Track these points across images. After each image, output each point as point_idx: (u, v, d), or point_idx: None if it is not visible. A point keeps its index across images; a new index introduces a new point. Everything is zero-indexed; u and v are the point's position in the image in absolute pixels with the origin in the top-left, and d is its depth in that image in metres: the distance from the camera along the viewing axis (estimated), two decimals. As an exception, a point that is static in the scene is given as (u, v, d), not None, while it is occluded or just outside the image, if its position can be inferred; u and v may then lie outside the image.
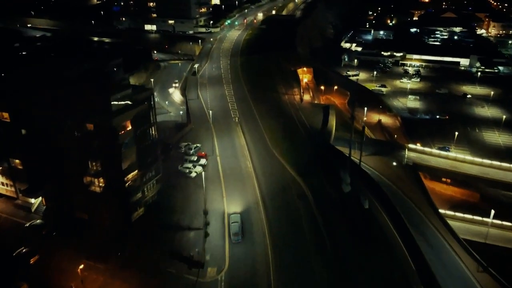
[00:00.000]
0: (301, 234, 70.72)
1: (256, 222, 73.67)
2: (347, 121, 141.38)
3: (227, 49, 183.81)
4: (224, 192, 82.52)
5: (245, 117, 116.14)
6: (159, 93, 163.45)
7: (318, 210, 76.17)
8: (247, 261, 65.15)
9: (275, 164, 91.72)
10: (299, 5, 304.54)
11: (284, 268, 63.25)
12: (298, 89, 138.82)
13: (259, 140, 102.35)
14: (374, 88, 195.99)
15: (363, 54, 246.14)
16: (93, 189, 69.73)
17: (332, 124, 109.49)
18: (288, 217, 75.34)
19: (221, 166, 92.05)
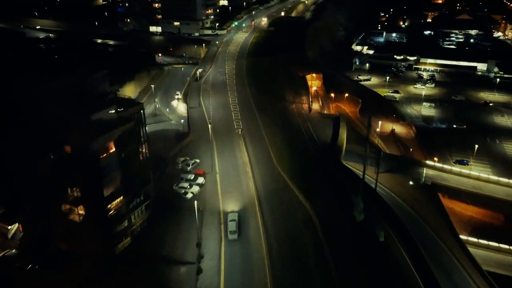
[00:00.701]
0: (307, 270, 61.77)
1: (256, 256, 64.85)
2: (359, 132, 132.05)
3: (233, 53, 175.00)
4: (222, 217, 73.81)
5: (249, 129, 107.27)
6: (161, 99, 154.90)
7: (326, 241, 67.07)
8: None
9: (280, 184, 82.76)
10: (309, 6, 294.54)
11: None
12: (307, 97, 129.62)
13: (263, 156, 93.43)
14: (387, 94, 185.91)
15: (375, 57, 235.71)
16: (72, 218, 61.34)
17: (343, 138, 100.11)
18: (292, 248, 66.44)
19: (221, 185, 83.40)
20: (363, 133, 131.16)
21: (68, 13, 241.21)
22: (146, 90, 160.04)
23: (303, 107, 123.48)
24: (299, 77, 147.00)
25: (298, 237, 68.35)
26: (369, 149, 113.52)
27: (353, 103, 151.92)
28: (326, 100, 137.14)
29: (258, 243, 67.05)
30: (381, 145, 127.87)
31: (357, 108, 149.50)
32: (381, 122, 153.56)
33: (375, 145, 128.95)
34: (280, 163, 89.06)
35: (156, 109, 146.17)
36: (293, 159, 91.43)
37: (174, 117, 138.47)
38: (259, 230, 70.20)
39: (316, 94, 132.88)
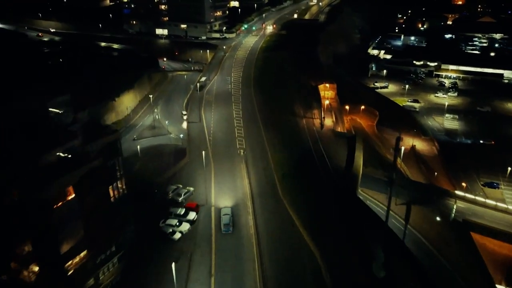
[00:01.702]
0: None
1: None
2: (377, 150, 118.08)
3: (240, 59, 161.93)
4: (214, 266, 61.06)
5: (253, 149, 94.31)
6: (162, 109, 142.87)
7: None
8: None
9: (285, 223, 69.59)
10: (324, 8, 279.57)
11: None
12: (319, 111, 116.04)
13: (267, 185, 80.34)
14: (406, 104, 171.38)
15: (392, 62, 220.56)
16: (25, 277, 49.18)
17: (359, 164, 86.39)
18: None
19: (215, 223, 70.44)
20: (381, 151, 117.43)
21: (73, 14, 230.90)
22: (148, 98, 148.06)
23: (314, 122, 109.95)
24: (311, 87, 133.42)
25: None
26: (383, 171, 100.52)
27: (369, 115, 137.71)
28: (340, 113, 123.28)
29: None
30: (401, 166, 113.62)
31: (374, 121, 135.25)
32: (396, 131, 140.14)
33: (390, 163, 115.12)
34: (286, 195, 75.85)
35: (156, 120, 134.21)
36: (302, 190, 78.08)
37: (174, 129, 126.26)
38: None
39: (329, 107, 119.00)
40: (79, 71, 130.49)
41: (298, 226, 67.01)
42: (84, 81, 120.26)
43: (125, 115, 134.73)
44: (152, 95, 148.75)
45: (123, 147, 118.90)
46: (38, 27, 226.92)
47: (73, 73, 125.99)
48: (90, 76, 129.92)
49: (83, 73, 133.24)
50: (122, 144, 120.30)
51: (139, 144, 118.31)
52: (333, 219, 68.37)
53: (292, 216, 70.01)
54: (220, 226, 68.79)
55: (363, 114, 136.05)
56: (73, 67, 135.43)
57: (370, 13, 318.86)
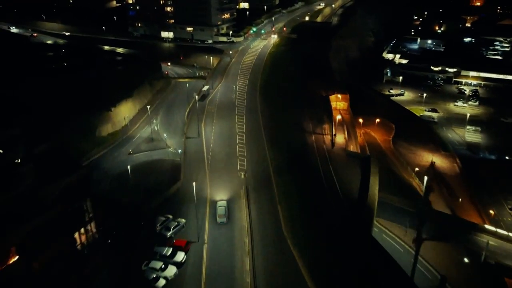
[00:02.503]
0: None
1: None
2: (393, 170, 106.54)
3: (247, 65, 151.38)
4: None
5: (256, 172, 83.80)
6: (163, 119, 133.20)
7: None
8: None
9: (288, 268, 58.87)
10: (336, 10, 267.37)
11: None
12: (329, 126, 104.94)
13: (270, 218, 69.75)
14: (423, 114, 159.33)
15: (408, 68, 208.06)
16: None
17: (374, 193, 75.25)
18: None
19: (207, 267, 60.09)
20: (399, 172, 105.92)
21: (78, 15, 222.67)
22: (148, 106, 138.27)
23: (324, 139, 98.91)
24: (321, 97, 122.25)
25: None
26: (401, 198, 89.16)
27: (385, 129, 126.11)
28: (352, 127, 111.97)
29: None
30: (419, 188, 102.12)
31: (390, 135, 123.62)
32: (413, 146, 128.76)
33: (408, 185, 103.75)
34: (290, 232, 65.17)
35: (155, 131, 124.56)
36: (309, 224, 67.28)
37: (173, 143, 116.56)
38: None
39: (341, 121, 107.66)
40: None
41: (304, 274, 56.34)
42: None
43: (122, 126, 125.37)
44: (151, 105, 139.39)
45: (118, 161, 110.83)
46: (42, 29, 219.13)
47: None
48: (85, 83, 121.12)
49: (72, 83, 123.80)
50: (117, 158, 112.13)
51: (134, 159, 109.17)
52: (345, 261, 57.46)
53: (297, 259, 59.33)
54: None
55: (378, 127, 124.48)
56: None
57: (385, 14, 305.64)
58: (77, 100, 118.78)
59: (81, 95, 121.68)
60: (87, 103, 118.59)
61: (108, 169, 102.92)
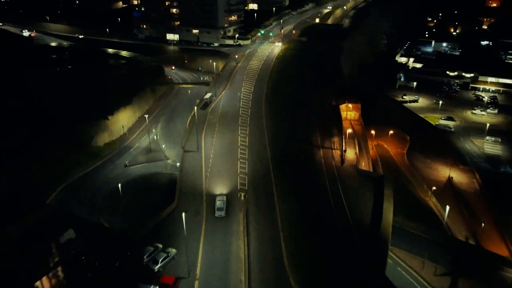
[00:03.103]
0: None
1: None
2: (409, 189, 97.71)
3: (254, 70, 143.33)
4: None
5: (257, 193, 75.83)
6: (163, 127, 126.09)
7: None
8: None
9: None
10: (348, 11, 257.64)
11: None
12: (339, 139, 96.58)
13: (271, 249, 61.83)
14: (439, 123, 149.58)
15: (423, 72, 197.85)
16: None
17: (389, 220, 66.81)
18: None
19: None
20: (414, 190, 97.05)
21: (83, 17, 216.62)
22: (149, 113, 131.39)
23: (333, 155, 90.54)
24: (331, 107, 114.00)
25: None
26: (422, 224, 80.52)
27: (399, 141, 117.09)
28: (364, 140, 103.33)
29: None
30: (436, 208, 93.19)
31: (404, 148, 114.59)
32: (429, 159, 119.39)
33: (425, 206, 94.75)
34: (294, 265, 57.16)
35: (155, 141, 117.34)
36: (314, 257, 59.22)
37: (173, 154, 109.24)
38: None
39: (351, 135, 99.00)
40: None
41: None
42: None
43: (120, 135, 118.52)
44: (152, 112, 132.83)
45: (112, 175, 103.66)
46: (47, 30, 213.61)
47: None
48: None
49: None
50: (112, 172, 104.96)
51: (130, 172, 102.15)
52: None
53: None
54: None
55: (392, 139, 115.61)
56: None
57: (398, 16, 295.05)
58: (71, 107, 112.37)
59: (77, 102, 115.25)
60: (82, 110, 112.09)
61: (102, 185, 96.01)
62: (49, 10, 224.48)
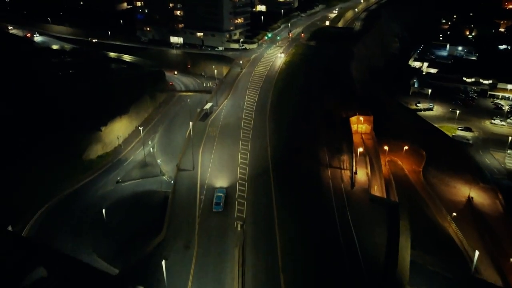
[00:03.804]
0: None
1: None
2: (426, 213, 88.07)
3: (259, 77, 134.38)
4: None
5: (256, 222, 66.99)
6: (161, 137, 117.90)
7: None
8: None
9: None
10: (359, 13, 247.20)
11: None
12: (349, 157, 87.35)
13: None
14: (456, 134, 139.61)
15: (438, 78, 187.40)
16: None
17: (405, 257, 57.58)
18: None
19: None
20: (432, 215, 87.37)
21: (86, 18, 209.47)
22: (147, 122, 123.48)
23: (343, 176, 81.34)
24: (340, 119, 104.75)
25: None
26: (443, 262, 71.00)
27: (414, 157, 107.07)
28: (376, 157, 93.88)
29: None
30: (457, 236, 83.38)
31: (420, 165, 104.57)
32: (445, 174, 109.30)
33: (444, 234, 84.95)
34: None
35: (151, 153, 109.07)
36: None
37: (170, 169, 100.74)
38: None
39: (363, 153, 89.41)
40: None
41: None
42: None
43: (115, 146, 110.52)
44: (151, 121, 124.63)
45: (103, 193, 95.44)
46: (49, 32, 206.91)
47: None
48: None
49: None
50: (102, 189, 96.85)
51: (121, 190, 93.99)
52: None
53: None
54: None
55: (406, 154, 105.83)
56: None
57: (411, 18, 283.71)
58: (63, 116, 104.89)
59: (70, 111, 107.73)
60: (75, 120, 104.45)
61: (90, 204, 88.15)
62: (51, 11, 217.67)
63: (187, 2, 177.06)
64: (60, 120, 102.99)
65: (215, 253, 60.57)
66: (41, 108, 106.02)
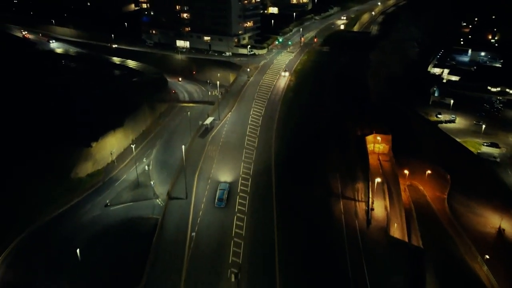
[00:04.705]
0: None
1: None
2: (454, 253, 76.06)
3: (267, 86, 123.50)
4: None
5: (255, 268, 56.22)
6: (159, 153, 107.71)
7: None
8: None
9: None
10: (376, 16, 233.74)
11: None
12: (364, 186, 75.89)
13: None
14: (481, 151, 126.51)
15: (459, 87, 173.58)
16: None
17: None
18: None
19: None
20: (462, 255, 75.27)
21: (91, 20, 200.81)
22: (145, 135, 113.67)
23: (357, 209, 69.95)
24: (355, 137, 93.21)
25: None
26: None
27: (437, 182, 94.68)
28: (395, 183, 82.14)
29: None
30: (489, 281, 71.06)
31: (444, 191, 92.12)
32: (470, 199, 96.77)
33: (474, 279, 72.66)
34: None
35: (145, 172, 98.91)
36: None
37: (164, 191, 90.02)
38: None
39: (380, 184, 77.30)
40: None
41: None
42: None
43: (107, 163, 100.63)
44: (148, 135, 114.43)
45: (88, 218, 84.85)
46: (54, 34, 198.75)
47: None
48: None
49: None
50: (89, 213, 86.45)
51: (109, 215, 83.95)
52: None
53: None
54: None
55: (429, 178, 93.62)
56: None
57: (431, 21, 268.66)
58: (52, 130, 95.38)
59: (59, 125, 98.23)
60: (64, 135, 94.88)
61: (73, 232, 78.36)
62: (55, 11, 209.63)
63: (194, 4, 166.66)
64: (47, 135, 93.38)
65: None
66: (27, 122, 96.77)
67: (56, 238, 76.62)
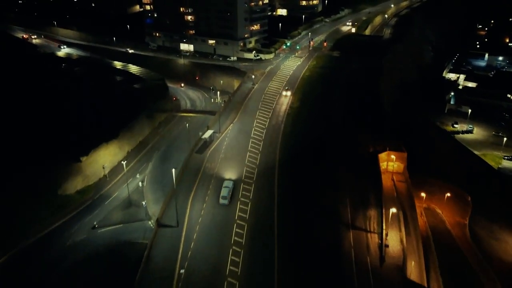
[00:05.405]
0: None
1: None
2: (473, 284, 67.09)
3: (272, 95, 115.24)
4: None
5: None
6: (154, 169, 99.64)
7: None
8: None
9: None
10: (389, 19, 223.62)
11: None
12: (377, 213, 67.13)
13: None
14: (502, 166, 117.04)
15: (477, 94, 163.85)
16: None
17: None
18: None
19: None
20: None
21: (94, 22, 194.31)
22: (141, 147, 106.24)
23: (369, 243, 61.33)
24: (366, 155, 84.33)
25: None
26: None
27: (457, 204, 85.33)
28: (411, 208, 73.26)
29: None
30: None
31: (465, 216, 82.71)
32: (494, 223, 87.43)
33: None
34: None
35: (139, 189, 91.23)
36: None
37: (155, 209, 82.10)
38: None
39: (396, 214, 68.20)
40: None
41: None
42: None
43: (99, 178, 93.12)
44: (145, 146, 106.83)
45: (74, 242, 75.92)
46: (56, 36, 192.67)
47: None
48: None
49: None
50: (74, 236, 78.31)
51: (95, 238, 76.42)
52: None
53: None
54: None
55: (448, 201, 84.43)
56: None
57: (446, 24, 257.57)
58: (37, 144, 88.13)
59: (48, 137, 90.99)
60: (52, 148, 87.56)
61: (56, 258, 71.13)
62: (58, 13, 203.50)
63: (199, 6, 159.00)
64: (34, 148, 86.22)
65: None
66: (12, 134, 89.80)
67: (38, 264, 69.47)
